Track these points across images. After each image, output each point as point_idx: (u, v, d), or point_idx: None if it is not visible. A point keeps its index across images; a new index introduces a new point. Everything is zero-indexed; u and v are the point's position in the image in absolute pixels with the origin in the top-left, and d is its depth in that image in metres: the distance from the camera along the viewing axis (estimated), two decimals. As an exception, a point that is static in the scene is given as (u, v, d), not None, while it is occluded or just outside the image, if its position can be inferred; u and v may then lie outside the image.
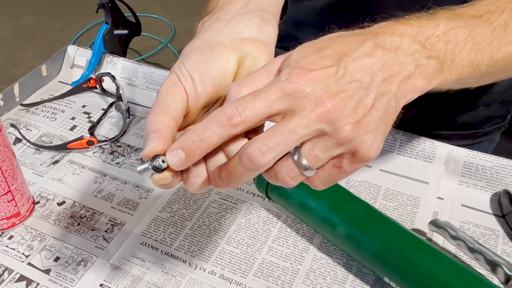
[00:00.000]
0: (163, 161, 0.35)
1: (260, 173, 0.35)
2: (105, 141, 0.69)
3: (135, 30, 1.06)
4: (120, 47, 0.95)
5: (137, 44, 2.13)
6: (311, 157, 0.34)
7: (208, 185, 0.37)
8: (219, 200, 0.62)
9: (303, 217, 0.57)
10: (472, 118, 0.75)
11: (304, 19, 0.77)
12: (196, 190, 0.37)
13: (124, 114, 0.72)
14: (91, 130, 0.70)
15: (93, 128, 0.70)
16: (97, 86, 0.78)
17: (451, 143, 0.65)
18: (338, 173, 0.35)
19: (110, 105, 0.74)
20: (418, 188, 0.62)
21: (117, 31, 0.92)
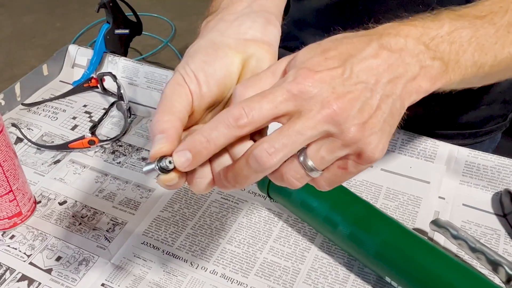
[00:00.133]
0: (170, 162, 0.35)
1: None
2: (106, 141, 0.69)
3: (136, 30, 1.06)
4: (121, 47, 0.95)
5: (138, 43, 2.13)
6: (317, 159, 0.34)
7: (213, 186, 0.37)
8: (221, 200, 0.62)
9: (305, 217, 0.57)
10: (474, 118, 0.75)
11: (306, 19, 0.77)
12: (201, 191, 0.37)
13: (125, 114, 0.72)
14: (92, 130, 0.70)
15: (94, 128, 0.70)
16: (98, 86, 0.78)
17: (453, 143, 0.65)
18: (343, 174, 0.35)
19: (111, 105, 0.74)
20: (420, 188, 0.62)
21: (118, 31, 0.92)
